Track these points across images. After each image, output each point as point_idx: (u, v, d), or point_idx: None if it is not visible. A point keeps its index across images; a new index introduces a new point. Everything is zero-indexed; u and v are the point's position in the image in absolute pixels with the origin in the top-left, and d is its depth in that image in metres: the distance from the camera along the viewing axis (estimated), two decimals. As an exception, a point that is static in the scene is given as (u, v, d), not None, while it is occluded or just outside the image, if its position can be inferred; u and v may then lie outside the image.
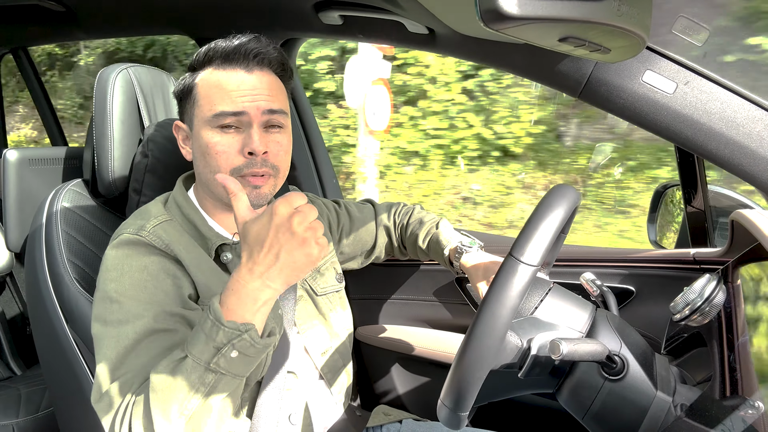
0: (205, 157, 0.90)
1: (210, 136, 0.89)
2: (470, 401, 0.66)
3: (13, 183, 1.44)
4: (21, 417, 1.47)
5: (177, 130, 0.97)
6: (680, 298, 0.83)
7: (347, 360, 1.14)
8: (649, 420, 0.69)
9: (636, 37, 0.73)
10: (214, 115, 0.88)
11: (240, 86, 0.89)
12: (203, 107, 0.90)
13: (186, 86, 0.94)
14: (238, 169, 0.89)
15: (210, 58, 0.91)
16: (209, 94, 0.90)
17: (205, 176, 0.92)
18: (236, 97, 0.88)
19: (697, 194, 1.19)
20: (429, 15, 0.94)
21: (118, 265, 0.87)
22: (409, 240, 1.26)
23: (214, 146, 0.88)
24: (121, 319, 0.82)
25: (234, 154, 0.88)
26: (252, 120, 0.88)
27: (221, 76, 0.90)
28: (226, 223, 0.98)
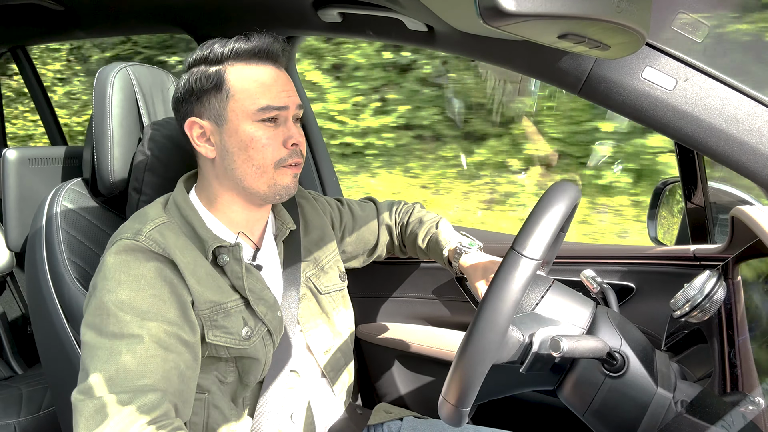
0: (248, 151, 0.91)
1: (254, 130, 0.91)
2: (472, 397, 0.66)
3: (13, 182, 1.44)
4: (22, 416, 1.48)
5: (191, 126, 0.94)
6: (680, 294, 0.83)
7: (349, 358, 1.15)
8: (649, 416, 0.69)
9: (635, 34, 0.73)
10: (260, 109, 0.90)
11: (277, 81, 0.93)
12: (242, 101, 0.90)
13: (213, 79, 0.91)
14: (282, 160, 0.93)
15: (237, 53, 0.92)
16: (248, 87, 0.91)
17: (241, 171, 0.93)
18: (277, 92, 0.92)
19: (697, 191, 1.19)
20: (428, 12, 0.94)
21: (115, 274, 0.85)
22: (409, 239, 1.26)
23: (259, 140, 0.91)
24: (117, 333, 0.81)
25: (278, 146, 0.93)
26: (289, 114, 0.94)
27: (257, 71, 0.92)
28: (235, 221, 0.98)
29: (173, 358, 0.82)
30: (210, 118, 0.93)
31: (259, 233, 1.03)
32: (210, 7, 1.33)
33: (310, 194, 1.21)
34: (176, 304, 0.86)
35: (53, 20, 1.53)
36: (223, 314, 0.92)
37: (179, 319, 0.86)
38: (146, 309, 0.83)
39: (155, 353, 0.80)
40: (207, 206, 0.98)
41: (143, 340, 0.80)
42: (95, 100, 1.14)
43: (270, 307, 0.97)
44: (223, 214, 0.98)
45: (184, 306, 0.87)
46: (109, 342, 0.81)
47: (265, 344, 0.96)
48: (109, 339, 0.81)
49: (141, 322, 0.82)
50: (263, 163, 0.92)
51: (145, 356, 0.80)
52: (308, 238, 1.12)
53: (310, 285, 1.09)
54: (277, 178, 0.94)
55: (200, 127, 0.94)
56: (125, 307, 0.83)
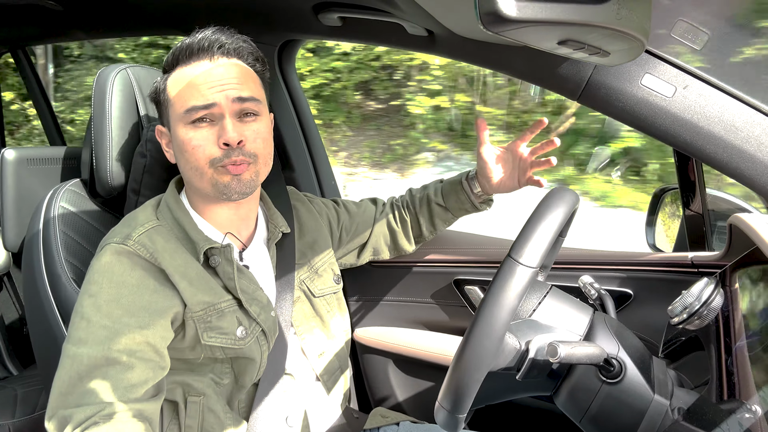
0: (184, 155, 0.90)
1: (184, 133, 0.89)
2: (468, 403, 0.66)
3: (11, 182, 1.44)
4: (17, 417, 1.47)
5: (160, 134, 0.98)
6: (678, 301, 0.83)
7: (344, 362, 1.14)
8: (646, 423, 0.69)
9: (635, 41, 0.73)
10: (186, 111, 0.89)
11: (207, 78, 0.89)
12: (175, 106, 0.91)
13: (158, 90, 0.95)
14: (217, 160, 0.89)
15: (177, 57, 0.92)
16: (179, 92, 0.90)
17: (187, 173, 0.93)
18: (205, 90, 0.88)
19: (695, 198, 1.19)
20: (428, 17, 0.94)
21: (99, 279, 0.86)
22: (422, 204, 1.25)
23: (189, 142, 0.89)
24: (83, 338, 0.81)
25: (210, 146, 0.89)
26: (223, 110, 0.88)
27: (187, 72, 0.90)
28: (218, 221, 0.98)
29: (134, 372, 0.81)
30: (166, 126, 0.96)
31: (248, 234, 1.03)
32: (208, 9, 1.33)
33: (306, 196, 1.21)
34: (154, 313, 0.85)
35: (53, 21, 1.53)
36: (217, 315, 0.91)
37: (152, 328, 0.84)
38: (117, 319, 0.82)
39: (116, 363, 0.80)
40: (194, 208, 0.98)
41: (106, 351, 0.80)
42: (94, 101, 1.14)
43: (263, 307, 0.97)
44: (206, 215, 0.98)
45: (163, 315, 0.86)
46: (74, 348, 0.81)
47: (260, 344, 0.96)
48: (75, 345, 0.81)
49: (108, 332, 0.81)
50: (197, 165, 0.90)
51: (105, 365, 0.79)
52: (302, 241, 1.12)
53: (303, 288, 1.09)
54: (217, 177, 0.90)
55: (165, 134, 0.97)
56: (99, 315, 0.83)
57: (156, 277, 0.88)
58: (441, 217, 1.24)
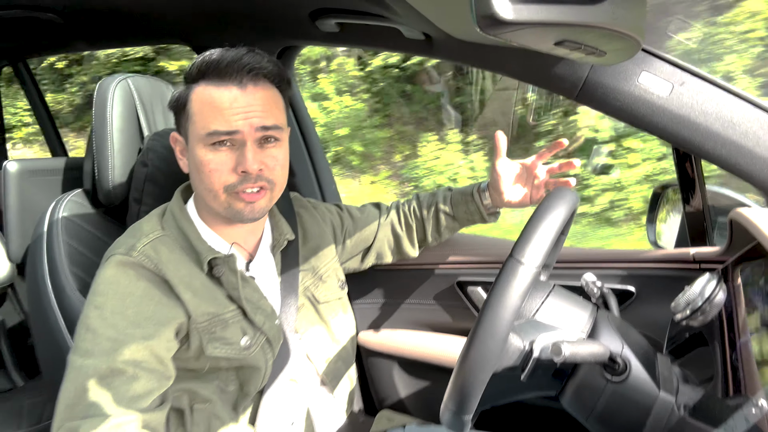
0: (200, 174, 0.90)
1: (203, 154, 0.88)
2: (473, 404, 0.66)
3: (13, 194, 1.45)
4: (23, 429, 1.47)
5: (174, 141, 0.97)
6: (681, 297, 0.83)
7: (350, 366, 1.14)
8: (652, 420, 0.69)
9: (631, 40, 0.73)
10: (208, 134, 0.87)
11: (233, 104, 0.87)
12: (197, 124, 0.89)
13: (180, 100, 0.93)
14: (231, 186, 0.89)
15: (203, 72, 0.89)
16: (202, 110, 0.88)
17: (200, 191, 0.93)
18: (229, 116, 0.86)
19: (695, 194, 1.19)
20: (425, 21, 0.95)
21: (104, 290, 0.86)
22: (430, 213, 1.25)
23: (207, 164, 0.88)
24: (89, 350, 0.81)
25: (227, 172, 0.88)
26: (245, 138, 0.87)
27: (214, 94, 0.88)
28: (225, 233, 0.98)
29: (138, 383, 0.81)
30: (184, 135, 0.94)
31: (254, 243, 1.03)
32: (207, 18, 1.33)
33: (309, 202, 1.21)
34: (158, 324, 0.85)
35: (53, 33, 1.54)
36: (221, 325, 0.92)
37: (157, 338, 0.84)
38: (123, 330, 0.83)
39: (121, 373, 0.80)
40: (201, 217, 0.98)
41: (112, 362, 0.80)
42: (95, 111, 1.14)
43: (268, 316, 0.97)
44: (214, 225, 0.98)
45: (167, 325, 0.86)
46: (80, 360, 0.81)
47: (264, 353, 0.96)
48: (81, 356, 0.81)
49: (113, 344, 0.81)
50: (212, 188, 0.89)
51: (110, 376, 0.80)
52: (306, 248, 1.12)
53: (308, 295, 1.09)
54: (231, 202, 0.90)
55: (180, 142, 0.96)
56: (104, 326, 0.83)
57: (161, 288, 0.88)
58: (448, 226, 1.24)
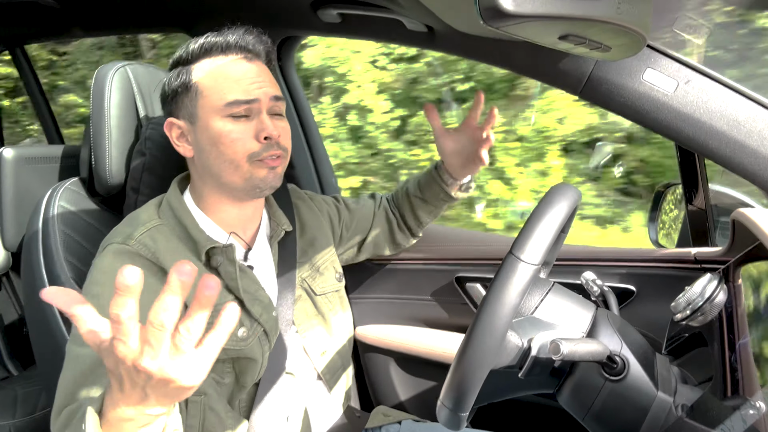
0: (218, 147, 0.90)
1: (222, 125, 0.89)
2: (470, 401, 0.66)
3: (9, 181, 1.44)
4: (18, 418, 1.47)
5: (170, 127, 0.96)
6: (681, 297, 0.83)
7: (347, 361, 1.14)
8: (650, 420, 0.69)
9: (636, 35, 0.72)
10: (227, 104, 0.89)
11: (248, 74, 0.90)
12: (210, 97, 0.90)
13: (182, 81, 0.92)
14: (256, 154, 0.90)
15: (207, 50, 0.91)
16: (216, 84, 0.90)
17: (216, 167, 0.92)
18: (246, 85, 0.90)
19: (698, 193, 1.19)
20: (428, 13, 0.94)
21: (100, 278, 0.86)
22: (404, 199, 1.26)
23: (228, 134, 0.89)
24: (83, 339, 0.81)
25: (249, 140, 0.90)
26: (261, 107, 0.91)
27: (225, 66, 0.90)
28: (225, 220, 0.97)
29: None
30: (185, 118, 0.94)
31: (252, 233, 1.02)
32: (207, 6, 1.32)
33: (306, 194, 1.21)
34: None
35: (50, 19, 1.53)
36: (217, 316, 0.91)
37: None
38: None
39: None
40: (199, 206, 0.98)
41: None
42: (93, 99, 1.13)
43: (265, 307, 0.97)
44: (214, 213, 0.97)
45: None
46: (76, 349, 0.81)
47: (261, 344, 0.95)
48: (78, 346, 0.81)
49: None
50: (235, 158, 0.90)
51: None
52: (304, 239, 1.12)
53: (305, 286, 1.08)
54: (253, 171, 0.91)
55: (178, 127, 0.95)
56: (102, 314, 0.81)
57: (158, 277, 0.88)
58: (423, 210, 1.25)
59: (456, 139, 1.15)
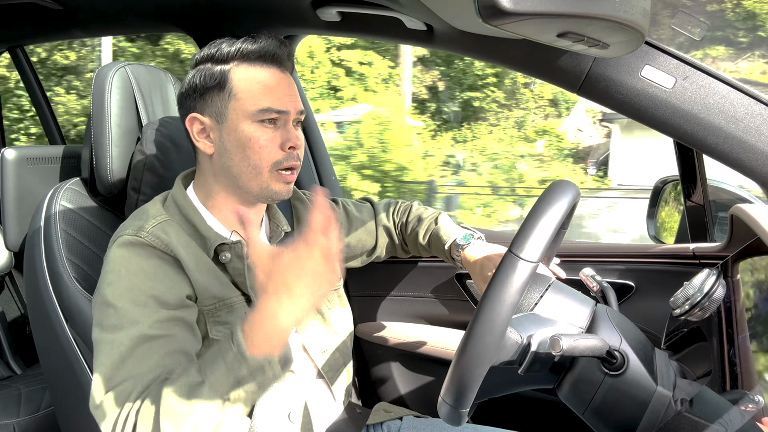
0: (245, 150, 0.92)
1: (252, 130, 0.91)
2: (470, 398, 0.66)
3: (11, 182, 1.44)
4: (21, 416, 1.47)
5: (192, 122, 0.95)
6: (680, 293, 0.83)
7: (348, 358, 1.14)
8: (649, 414, 0.69)
9: (635, 32, 0.73)
10: (260, 110, 0.91)
11: (281, 85, 0.94)
12: (244, 101, 0.91)
13: (217, 78, 0.93)
14: (278, 163, 0.93)
15: (244, 54, 0.93)
16: (251, 88, 0.91)
17: (238, 169, 0.93)
18: (280, 96, 0.93)
19: (696, 189, 1.19)
20: (427, 11, 0.94)
21: (115, 267, 0.87)
22: (410, 237, 1.26)
23: (257, 140, 0.91)
24: (116, 324, 0.82)
25: (275, 148, 0.92)
26: (289, 118, 0.94)
27: (261, 73, 0.93)
28: (230, 220, 0.98)
29: (176, 340, 0.83)
30: (211, 115, 0.94)
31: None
32: (208, 5, 1.32)
33: (305, 194, 1.21)
34: (176, 295, 0.87)
35: (52, 19, 1.53)
36: (226, 310, 0.93)
37: (178, 305, 0.87)
38: (144, 301, 0.84)
39: (158, 336, 0.82)
40: (204, 203, 0.98)
41: (143, 327, 0.82)
42: (94, 100, 1.13)
43: None
44: (218, 211, 0.98)
45: (183, 298, 0.88)
46: (110, 335, 0.82)
47: None
48: (111, 332, 0.82)
49: (141, 311, 0.83)
50: (259, 164, 0.92)
51: (148, 341, 0.81)
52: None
53: None
54: (271, 182, 0.94)
55: (201, 123, 0.95)
56: (124, 299, 0.84)
57: (172, 266, 0.89)
58: (426, 252, 1.25)
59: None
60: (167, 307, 0.85)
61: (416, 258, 1.39)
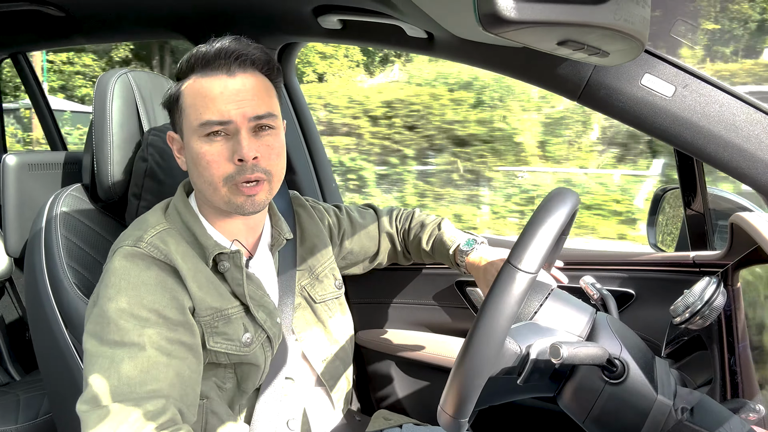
0: (197, 168, 0.89)
1: (199, 146, 0.88)
2: (470, 408, 0.66)
3: (12, 188, 1.44)
4: (20, 423, 1.47)
5: (171, 140, 0.97)
6: (680, 301, 0.83)
7: (347, 365, 1.14)
8: (649, 423, 0.69)
9: (634, 41, 0.73)
10: (201, 125, 0.87)
11: (223, 92, 0.87)
12: (190, 116, 0.89)
13: (172, 96, 0.93)
14: (230, 177, 0.88)
15: (192, 65, 0.89)
16: (194, 103, 0.88)
17: (200, 185, 0.92)
18: (221, 105, 0.86)
19: (696, 197, 1.19)
20: (428, 19, 0.95)
21: (116, 281, 0.85)
22: (413, 244, 1.26)
23: (204, 156, 0.88)
24: (117, 341, 0.81)
25: (224, 162, 0.88)
26: (239, 127, 0.87)
27: (204, 84, 0.88)
28: (226, 229, 0.98)
29: (176, 363, 0.82)
30: (179, 132, 0.95)
31: (254, 241, 1.03)
32: (209, 13, 1.33)
33: (308, 201, 1.21)
34: (177, 310, 0.86)
35: (54, 26, 1.53)
36: (223, 321, 0.92)
37: (180, 323, 0.86)
38: (146, 316, 0.83)
39: (157, 360, 0.80)
40: (202, 213, 0.98)
41: (145, 348, 0.80)
42: (95, 106, 1.14)
43: (270, 314, 0.97)
44: (215, 221, 0.97)
45: (185, 311, 0.87)
46: (110, 350, 0.80)
47: (264, 351, 0.96)
48: (110, 347, 0.81)
49: (141, 329, 0.82)
50: (212, 180, 0.89)
51: (147, 363, 0.80)
52: (303, 247, 1.12)
53: (304, 294, 1.09)
54: (231, 196, 0.89)
55: (177, 141, 0.96)
56: (125, 315, 0.82)
57: (172, 276, 0.89)
58: (429, 258, 1.25)
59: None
60: (169, 323, 0.84)
61: (417, 265, 1.39)
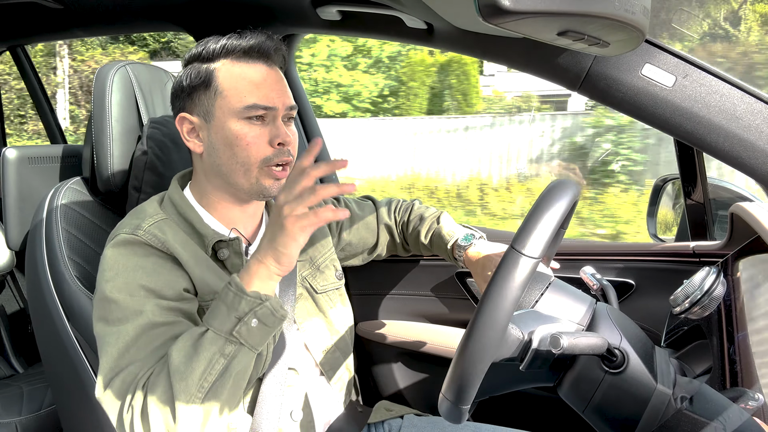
0: (233, 148, 0.91)
1: (239, 128, 0.91)
2: (472, 394, 0.66)
3: (12, 181, 1.44)
4: (24, 415, 1.48)
5: (182, 122, 0.96)
6: (680, 291, 0.83)
7: (348, 356, 1.15)
8: (649, 412, 0.69)
9: (635, 31, 0.73)
10: (246, 107, 0.90)
11: (268, 81, 0.92)
12: (229, 98, 0.91)
13: (203, 76, 0.93)
14: (267, 159, 0.92)
15: (229, 51, 0.92)
16: (236, 85, 0.91)
17: (227, 167, 0.93)
18: (267, 92, 0.92)
19: (696, 187, 1.19)
20: (427, 10, 0.94)
21: (113, 264, 0.87)
22: (411, 236, 1.26)
23: (244, 137, 0.90)
24: (121, 317, 0.84)
25: (263, 144, 0.91)
26: (277, 114, 0.93)
27: (246, 69, 0.92)
28: (228, 217, 0.98)
29: (178, 326, 0.85)
30: (199, 114, 0.94)
31: (253, 229, 1.03)
32: (209, 4, 1.33)
33: None
34: (174, 289, 0.88)
35: (53, 19, 1.53)
36: None
37: (177, 298, 0.88)
38: (144, 294, 0.85)
39: (161, 323, 0.83)
40: (201, 203, 0.98)
41: (147, 316, 0.83)
42: (94, 99, 1.14)
43: None
44: (216, 210, 0.98)
45: (183, 293, 0.89)
46: (116, 328, 0.83)
47: None
48: (116, 325, 0.83)
49: (143, 301, 0.84)
50: (247, 161, 0.91)
51: (152, 328, 0.83)
52: None
53: (306, 285, 1.09)
54: (260, 177, 0.93)
55: (190, 122, 0.95)
56: (123, 293, 0.85)
57: (171, 262, 0.90)
58: (428, 251, 1.26)
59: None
60: (169, 300, 0.86)
61: (417, 256, 1.39)
